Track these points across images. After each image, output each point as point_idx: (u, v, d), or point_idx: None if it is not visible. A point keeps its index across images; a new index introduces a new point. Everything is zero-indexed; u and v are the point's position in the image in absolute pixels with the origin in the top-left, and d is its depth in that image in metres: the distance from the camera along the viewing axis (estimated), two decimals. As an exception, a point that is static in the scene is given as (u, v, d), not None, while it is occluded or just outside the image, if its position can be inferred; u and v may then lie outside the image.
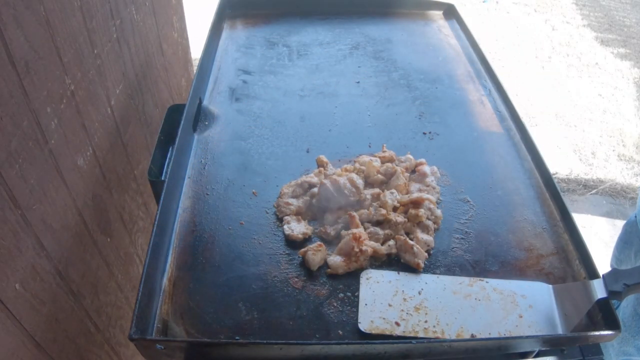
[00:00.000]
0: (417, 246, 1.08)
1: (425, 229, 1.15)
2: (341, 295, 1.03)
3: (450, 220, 1.20)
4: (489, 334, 0.97)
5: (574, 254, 1.14)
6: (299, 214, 1.18)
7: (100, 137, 1.37)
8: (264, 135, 1.43)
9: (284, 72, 1.71)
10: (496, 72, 1.71)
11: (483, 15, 5.43)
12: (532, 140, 1.41)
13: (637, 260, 1.76)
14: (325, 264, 1.07)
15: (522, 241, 1.17)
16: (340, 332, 0.96)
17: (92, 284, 1.32)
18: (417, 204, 1.18)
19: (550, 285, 1.06)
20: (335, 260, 1.06)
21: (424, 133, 1.48)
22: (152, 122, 1.85)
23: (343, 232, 1.12)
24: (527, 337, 0.97)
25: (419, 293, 1.03)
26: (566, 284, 1.08)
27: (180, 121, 1.29)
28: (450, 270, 1.09)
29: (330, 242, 1.13)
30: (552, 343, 0.99)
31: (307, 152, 1.38)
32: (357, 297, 1.02)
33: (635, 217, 1.77)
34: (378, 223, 1.16)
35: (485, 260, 1.12)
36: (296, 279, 1.05)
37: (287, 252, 1.10)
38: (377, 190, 1.23)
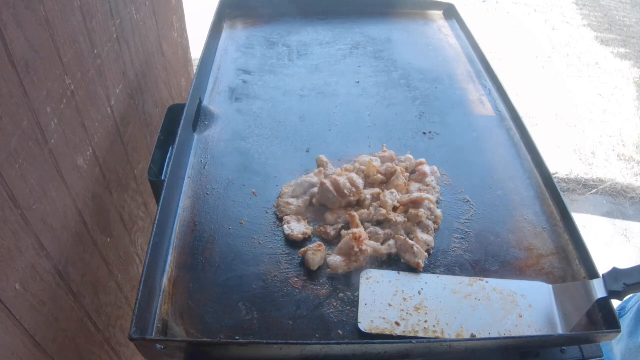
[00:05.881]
0: (417, 246, 1.08)
1: (425, 229, 1.15)
2: (341, 295, 1.03)
3: (450, 220, 1.20)
4: (489, 334, 0.97)
5: (574, 254, 1.14)
6: (299, 214, 1.18)
7: (100, 137, 1.37)
8: (264, 135, 1.43)
9: (284, 72, 1.71)
10: (496, 72, 1.71)
11: (483, 15, 5.43)
12: (532, 140, 1.41)
13: None
14: (325, 264, 1.07)
15: (522, 241, 1.17)
16: (340, 332, 0.96)
17: (92, 284, 1.32)
18: (417, 203, 1.18)
19: (550, 285, 1.06)
20: (335, 260, 1.06)
21: (424, 133, 1.48)
22: (152, 122, 1.85)
23: (343, 232, 1.12)
24: (527, 337, 0.97)
25: (419, 293, 1.03)
26: (566, 284, 1.08)
27: (180, 121, 1.29)
28: (450, 270, 1.09)
29: (330, 242, 1.13)
30: (552, 343, 0.99)
31: (307, 152, 1.38)
32: (357, 297, 1.02)
33: None
34: (378, 223, 1.16)
35: (485, 260, 1.12)
36: (296, 279, 1.05)
37: (287, 252, 1.10)
38: (377, 190, 1.23)
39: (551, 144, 3.60)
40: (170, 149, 1.30)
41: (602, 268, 1.03)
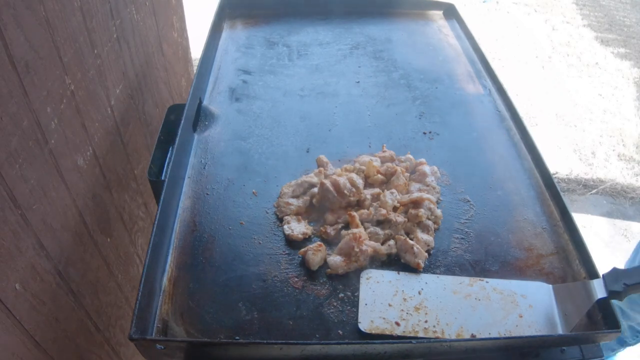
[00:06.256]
0: (417, 246, 1.08)
1: (425, 229, 1.15)
2: (341, 295, 1.03)
3: (450, 220, 1.20)
4: (489, 334, 0.97)
5: (574, 254, 1.14)
6: (299, 214, 1.18)
7: (100, 137, 1.37)
8: (264, 135, 1.43)
9: (284, 72, 1.71)
10: (496, 72, 1.71)
11: (483, 15, 5.43)
12: (532, 140, 1.41)
13: None
14: (325, 264, 1.07)
15: (522, 241, 1.17)
16: (340, 332, 0.96)
17: (92, 284, 1.32)
18: (417, 203, 1.18)
19: (550, 285, 1.06)
20: (335, 260, 1.06)
21: (424, 133, 1.48)
22: (152, 122, 1.85)
23: (343, 232, 1.12)
24: (527, 337, 0.97)
25: (419, 293, 1.03)
26: (566, 284, 1.08)
27: (180, 121, 1.29)
28: (450, 270, 1.09)
29: (330, 242, 1.13)
30: (552, 343, 0.99)
31: (307, 152, 1.38)
32: (357, 297, 1.02)
33: None
34: (378, 223, 1.16)
35: (485, 260, 1.12)
36: (296, 279, 1.05)
37: (287, 252, 1.10)
38: (377, 190, 1.23)
39: (551, 144, 3.60)
40: (170, 149, 1.30)
41: (602, 268, 1.03)
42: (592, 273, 1.07)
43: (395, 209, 1.19)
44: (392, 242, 1.12)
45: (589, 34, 5.13)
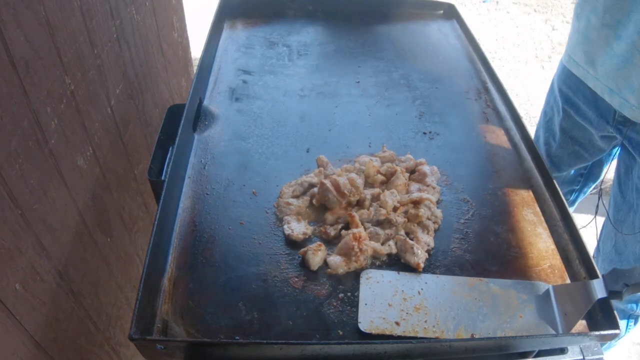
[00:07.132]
0: (417, 246, 1.08)
1: (425, 229, 1.15)
2: (341, 295, 1.03)
3: (450, 220, 1.20)
4: (489, 334, 0.97)
5: (574, 254, 1.14)
6: (299, 214, 1.18)
7: (100, 137, 1.37)
8: (264, 135, 1.43)
9: (284, 72, 1.71)
10: (496, 72, 1.70)
11: (483, 15, 5.43)
12: (532, 140, 1.41)
13: None
14: (325, 264, 1.07)
15: (522, 241, 1.17)
16: (340, 332, 0.96)
17: (92, 284, 1.32)
18: (417, 204, 1.18)
19: (550, 285, 1.06)
20: (335, 260, 1.06)
21: (424, 133, 1.48)
22: (152, 122, 1.85)
23: (343, 232, 1.12)
24: (527, 337, 0.97)
25: (419, 293, 1.04)
26: (566, 284, 1.08)
27: (180, 121, 1.29)
28: (450, 270, 1.09)
29: (330, 242, 1.13)
30: (552, 343, 0.99)
31: (307, 152, 1.38)
32: (357, 297, 1.02)
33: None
34: (378, 223, 1.16)
35: (485, 260, 1.12)
36: (296, 279, 1.05)
37: (287, 252, 1.10)
38: (377, 190, 1.23)
39: (551, 144, 3.59)
40: (170, 149, 1.30)
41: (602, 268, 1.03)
42: (592, 273, 1.07)
43: (395, 209, 1.19)
44: (392, 242, 1.12)
45: (589, 34, 5.12)
